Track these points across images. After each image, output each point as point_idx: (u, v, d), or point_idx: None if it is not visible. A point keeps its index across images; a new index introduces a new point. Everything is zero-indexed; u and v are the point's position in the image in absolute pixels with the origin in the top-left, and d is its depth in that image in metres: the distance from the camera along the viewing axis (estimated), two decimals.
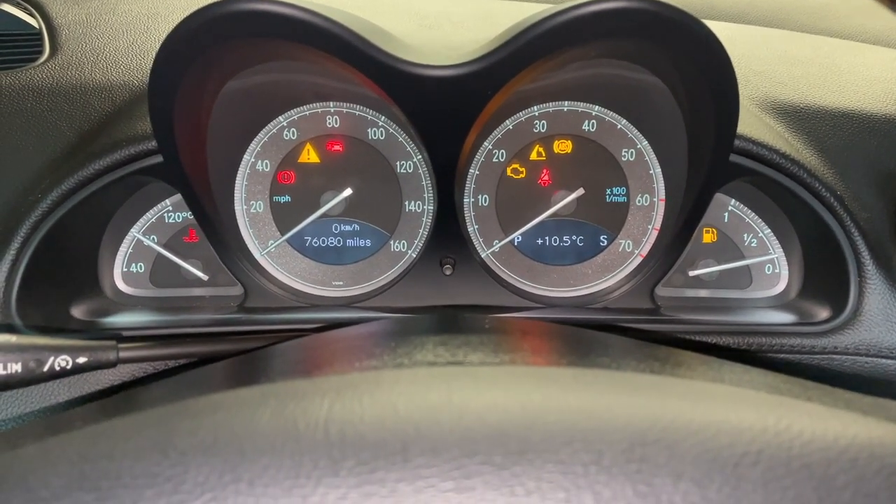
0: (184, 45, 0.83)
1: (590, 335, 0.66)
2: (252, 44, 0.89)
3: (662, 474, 0.35)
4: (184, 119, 0.92)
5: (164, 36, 0.82)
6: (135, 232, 1.05)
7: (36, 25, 1.14)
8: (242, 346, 0.79)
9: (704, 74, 0.89)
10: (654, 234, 1.07)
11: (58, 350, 0.67)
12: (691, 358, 0.58)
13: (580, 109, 1.05)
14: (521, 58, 0.86)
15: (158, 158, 0.94)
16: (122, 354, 0.72)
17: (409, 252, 1.08)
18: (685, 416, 0.39)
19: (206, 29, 0.81)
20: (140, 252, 1.06)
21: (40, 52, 1.08)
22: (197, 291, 1.07)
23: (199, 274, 1.06)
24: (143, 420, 0.42)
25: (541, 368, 0.50)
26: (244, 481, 0.35)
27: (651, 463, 0.35)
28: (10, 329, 0.89)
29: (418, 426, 0.37)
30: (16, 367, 0.64)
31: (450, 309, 1.05)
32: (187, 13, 0.81)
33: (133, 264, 1.06)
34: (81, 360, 0.68)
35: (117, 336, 0.84)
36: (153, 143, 0.92)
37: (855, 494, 0.34)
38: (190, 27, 0.81)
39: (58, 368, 0.67)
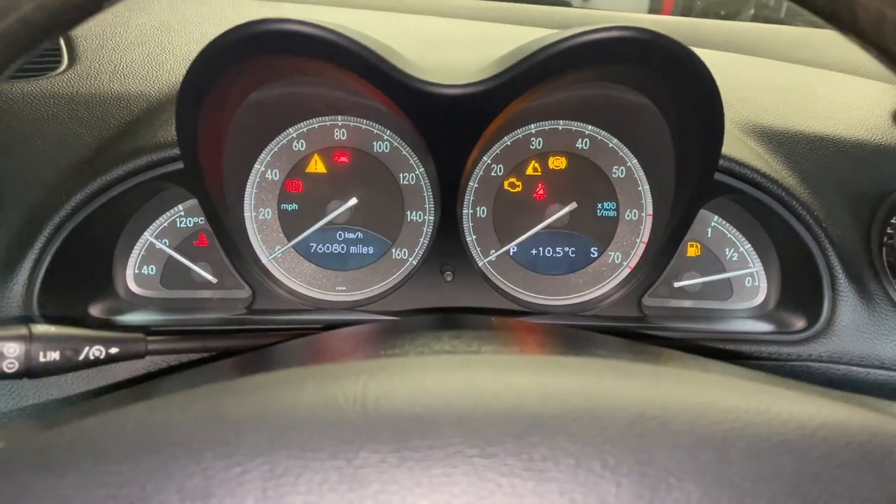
0: (219, 57, 0.86)
1: (589, 334, 0.71)
2: (281, 59, 0.94)
3: (660, 445, 0.40)
4: (207, 128, 0.96)
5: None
6: (148, 235, 1.08)
7: None
8: (266, 341, 0.83)
9: (694, 98, 0.95)
10: (642, 247, 1.12)
11: (92, 340, 0.71)
12: (680, 355, 0.64)
13: (574, 128, 1.10)
14: (529, 78, 0.92)
15: (178, 165, 0.97)
16: (151, 346, 0.76)
17: (410, 259, 1.13)
18: (678, 397, 0.43)
19: (243, 44, 0.85)
20: (152, 255, 1.09)
21: (59, 62, 1.11)
22: (206, 294, 1.10)
23: (209, 277, 1.09)
24: (193, 396, 0.46)
25: (549, 357, 0.55)
26: (294, 447, 0.39)
27: (650, 435, 0.40)
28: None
29: (447, 402, 0.42)
30: (54, 356, 0.68)
31: (450, 311, 1.09)
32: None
33: (145, 266, 1.08)
34: (114, 350, 0.72)
35: (146, 329, 0.87)
36: (174, 151, 0.96)
37: (826, 464, 0.39)
38: (227, 41, 0.84)
39: (92, 358, 0.71)
